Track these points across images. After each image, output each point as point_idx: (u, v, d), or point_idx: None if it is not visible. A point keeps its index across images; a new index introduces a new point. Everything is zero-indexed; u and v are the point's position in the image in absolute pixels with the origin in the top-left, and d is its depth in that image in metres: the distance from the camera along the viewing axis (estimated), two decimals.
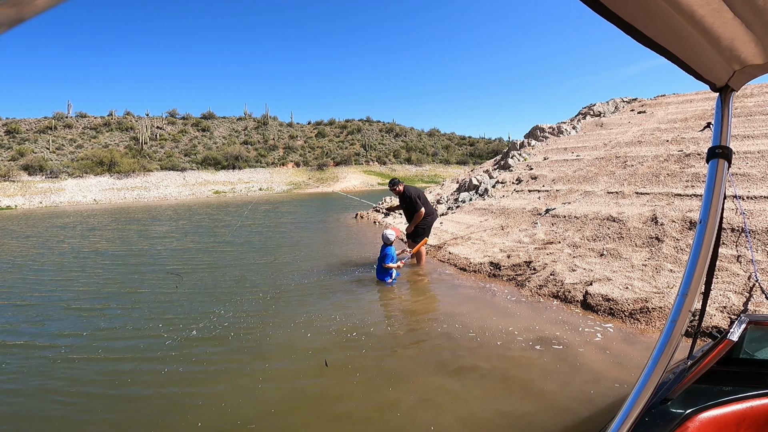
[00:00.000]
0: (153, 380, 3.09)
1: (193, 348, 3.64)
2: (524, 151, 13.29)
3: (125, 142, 52.58)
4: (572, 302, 4.28)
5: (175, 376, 3.13)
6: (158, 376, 3.15)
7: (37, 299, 5.43)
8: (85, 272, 7.05)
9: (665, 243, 4.90)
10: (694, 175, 6.63)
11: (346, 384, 2.93)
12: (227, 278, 6.18)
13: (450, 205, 11.20)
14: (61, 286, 6.09)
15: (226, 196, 41.02)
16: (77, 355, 3.60)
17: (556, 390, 2.70)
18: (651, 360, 0.90)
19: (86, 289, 5.87)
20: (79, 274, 6.87)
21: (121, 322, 4.37)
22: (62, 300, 5.35)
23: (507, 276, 5.36)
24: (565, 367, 2.99)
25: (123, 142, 52.78)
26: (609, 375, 2.85)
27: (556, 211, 7.24)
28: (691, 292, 0.89)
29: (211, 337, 3.87)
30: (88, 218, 19.75)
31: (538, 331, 3.67)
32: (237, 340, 3.80)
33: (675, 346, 0.89)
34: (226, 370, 3.22)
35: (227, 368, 3.24)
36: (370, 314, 4.36)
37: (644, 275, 4.38)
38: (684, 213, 5.33)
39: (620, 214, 6.00)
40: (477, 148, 69.84)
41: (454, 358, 3.25)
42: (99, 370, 3.32)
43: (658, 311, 3.67)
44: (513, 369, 3.02)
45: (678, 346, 0.90)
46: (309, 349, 3.49)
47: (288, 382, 3.00)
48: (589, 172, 8.88)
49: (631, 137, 10.29)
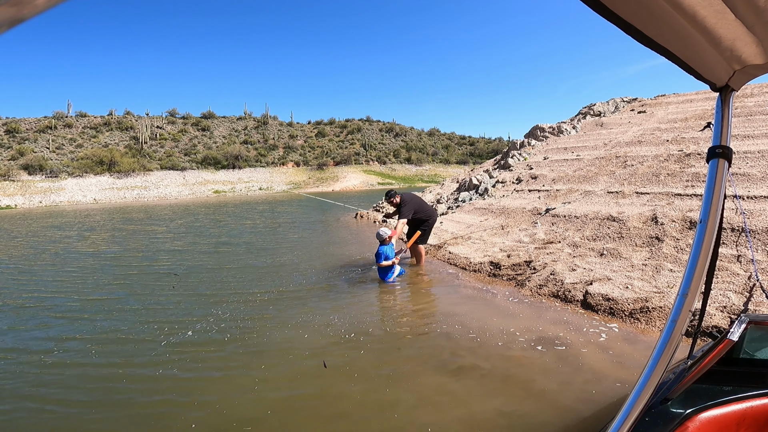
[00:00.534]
0: (148, 382, 3.08)
1: (189, 349, 3.61)
2: (524, 151, 13.28)
3: (125, 142, 52.60)
4: (572, 302, 4.28)
5: (170, 378, 3.12)
6: (153, 379, 3.13)
7: (31, 300, 5.42)
8: (80, 273, 7.05)
9: (665, 243, 4.90)
10: (694, 174, 6.62)
11: (344, 384, 2.92)
12: (225, 279, 6.17)
13: (450, 205, 11.19)
14: (55, 287, 6.08)
15: (226, 196, 41.03)
16: (70, 359, 3.57)
17: (556, 390, 2.69)
18: (651, 360, 0.90)
19: (78, 290, 5.86)
20: (75, 275, 6.87)
21: (113, 325, 4.34)
22: (55, 304, 5.32)
23: (507, 275, 5.35)
24: (565, 367, 2.98)
25: (123, 141, 52.81)
26: (610, 374, 2.84)
27: (556, 211, 7.24)
28: (691, 292, 0.89)
29: (207, 339, 3.86)
30: (86, 218, 19.76)
31: (539, 330, 3.67)
32: (234, 341, 3.78)
33: (675, 346, 0.89)
34: (224, 370, 3.21)
35: (225, 369, 3.23)
36: (369, 314, 4.35)
37: (644, 275, 4.38)
38: (684, 213, 5.33)
39: (620, 214, 6.00)
40: (477, 148, 69.91)
41: (453, 358, 3.24)
42: (92, 373, 3.30)
43: (658, 311, 3.66)
44: (513, 369, 3.02)
45: (678, 346, 0.89)
46: (307, 350, 3.48)
47: (286, 382, 2.99)
48: (589, 171, 8.88)
49: (632, 137, 10.29)
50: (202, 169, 49.83)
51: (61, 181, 40.79)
